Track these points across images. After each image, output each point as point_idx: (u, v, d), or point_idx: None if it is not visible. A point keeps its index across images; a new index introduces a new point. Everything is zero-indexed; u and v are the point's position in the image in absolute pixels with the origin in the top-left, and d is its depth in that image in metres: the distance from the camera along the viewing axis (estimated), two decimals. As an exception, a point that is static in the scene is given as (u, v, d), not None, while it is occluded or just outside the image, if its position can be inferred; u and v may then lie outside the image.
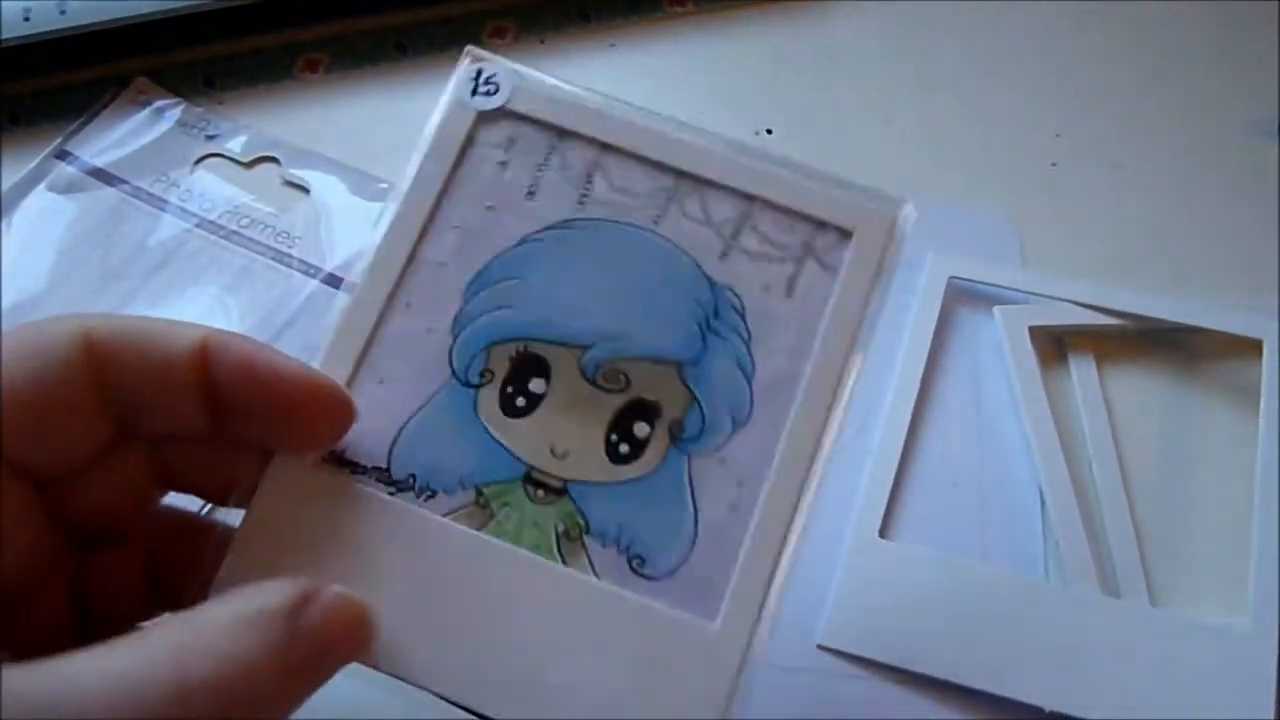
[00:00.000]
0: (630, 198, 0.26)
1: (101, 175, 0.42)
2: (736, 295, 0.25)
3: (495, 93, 0.26)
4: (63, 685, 0.18)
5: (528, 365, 0.24)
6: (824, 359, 0.24)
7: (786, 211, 0.25)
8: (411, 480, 0.24)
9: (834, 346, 0.25)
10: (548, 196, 0.26)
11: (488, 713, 0.22)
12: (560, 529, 0.23)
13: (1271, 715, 0.31)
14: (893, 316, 0.39)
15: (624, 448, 0.24)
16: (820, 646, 0.33)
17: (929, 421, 0.37)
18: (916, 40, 0.48)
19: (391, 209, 0.25)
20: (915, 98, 0.46)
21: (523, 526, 0.23)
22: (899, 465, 0.36)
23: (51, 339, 0.21)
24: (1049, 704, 0.31)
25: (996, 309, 0.39)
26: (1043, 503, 0.35)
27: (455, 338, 0.25)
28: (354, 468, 0.24)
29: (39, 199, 0.41)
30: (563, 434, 0.24)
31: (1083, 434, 0.37)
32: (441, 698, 0.22)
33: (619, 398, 0.24)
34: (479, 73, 0.26)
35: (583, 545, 0.23)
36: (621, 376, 0.24)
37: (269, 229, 0.41)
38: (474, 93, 0.26)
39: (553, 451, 0.24)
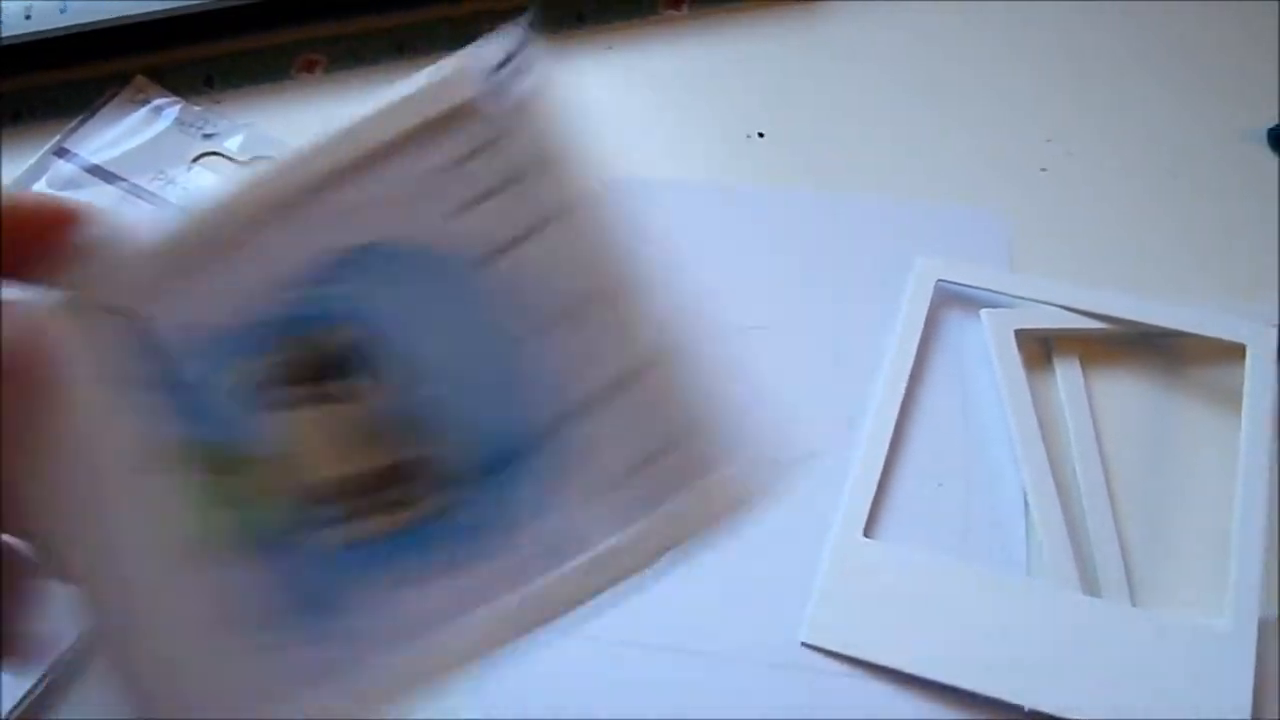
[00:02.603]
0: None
1: (100, 172, 0.42)
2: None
3: None
4: None
5: None
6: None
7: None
8: None
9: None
10: None
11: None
12: None
13: (1249, 714, 0.32)
14: (880, 318, 0.39)
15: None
16: (805, 644, 0.33)
17: (915, 422, 0.37)
18: (908, 44, 0.49)
19: None
20: (907, 101, 0.47)
21: None
22: (884, 465, 0.36)
23: None
24: (1029, 702, 0.32)
25: (983, 312, 0.39)
26: (1026, 504, 0.35)
27: None
28: None
29: (38, 195, 0.41)
30: None
31: (1067, 436, 0.37)
32: None
33: None
34: None
35: None
36: None
37: (265, 227, 0.41)
38: None
39: None
